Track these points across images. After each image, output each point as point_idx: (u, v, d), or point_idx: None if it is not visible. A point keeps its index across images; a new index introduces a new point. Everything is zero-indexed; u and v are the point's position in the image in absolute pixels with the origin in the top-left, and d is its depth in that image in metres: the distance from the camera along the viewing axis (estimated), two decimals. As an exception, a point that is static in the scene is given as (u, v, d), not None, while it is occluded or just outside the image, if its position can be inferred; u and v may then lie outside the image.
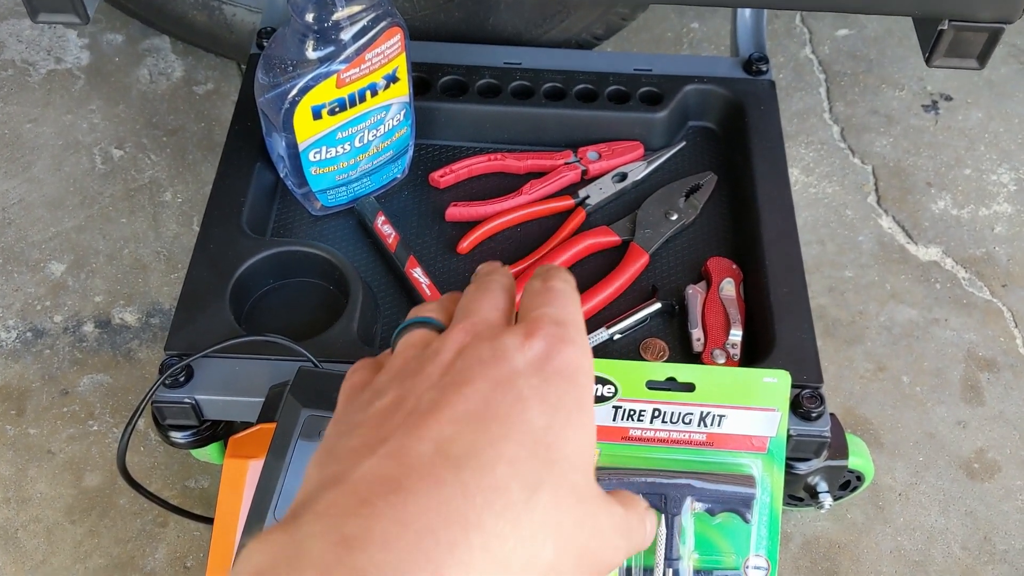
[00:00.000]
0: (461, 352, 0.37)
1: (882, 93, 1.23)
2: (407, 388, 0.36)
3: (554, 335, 0.37)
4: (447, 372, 0.36)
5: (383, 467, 0.32)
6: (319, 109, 0.77)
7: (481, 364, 0.35)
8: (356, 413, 0.37)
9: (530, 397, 0.35)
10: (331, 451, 0.35)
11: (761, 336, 0.77)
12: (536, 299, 0.39)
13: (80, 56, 1.24)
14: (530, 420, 0.34)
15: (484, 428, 0.33)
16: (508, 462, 0.33)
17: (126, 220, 1.07)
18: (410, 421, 0.34)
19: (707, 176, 0.90)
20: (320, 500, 0.32)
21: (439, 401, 0.34)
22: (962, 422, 0.95)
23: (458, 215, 0.87)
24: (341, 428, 0.36)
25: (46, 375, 0.95)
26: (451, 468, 0.32)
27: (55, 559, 0.84)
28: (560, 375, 0.36)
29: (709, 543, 0.71)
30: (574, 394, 0.36)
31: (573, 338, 0.37)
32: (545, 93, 0.92)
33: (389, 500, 0.31)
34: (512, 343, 0.36)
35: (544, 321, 0.37)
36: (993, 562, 0.86)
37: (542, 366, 0.36)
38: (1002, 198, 1.13)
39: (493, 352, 0.36)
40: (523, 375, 0.35)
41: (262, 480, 0.60)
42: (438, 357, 0.37)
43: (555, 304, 0.39)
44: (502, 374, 0.35)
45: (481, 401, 0.34)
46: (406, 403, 0.35)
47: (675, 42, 1.29)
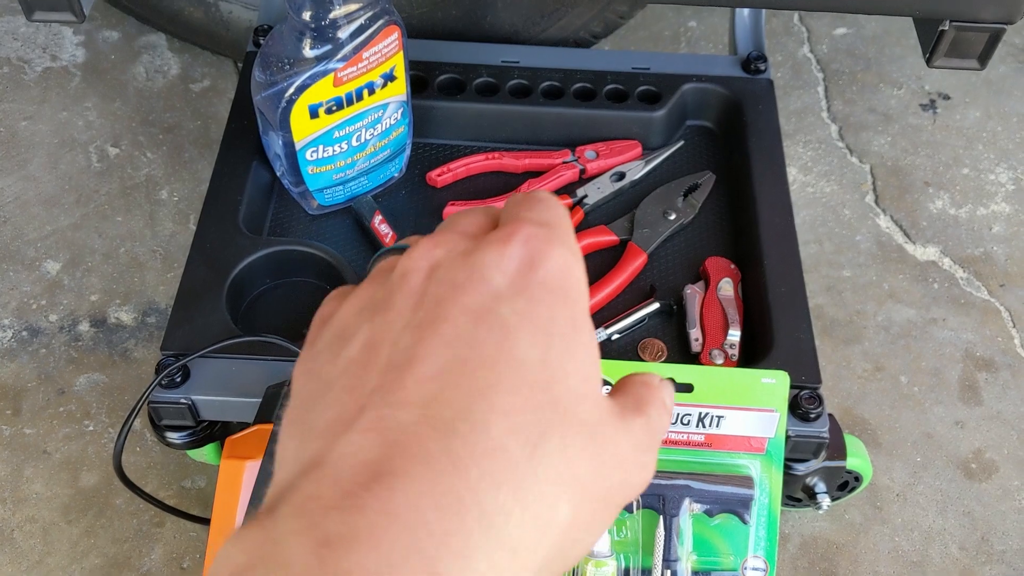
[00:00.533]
0: (432, 273, 0.31)
1: (880, 92, 1.23)
2: (377, 328, 0.31)
3: (535, 237, 0.31)
4: (420, 304, 0.31)
5: (363, 446, 0.28)
6: (316, 108, 0.77)
7: (456, 290, 0.30)
8: (326, 362, 0.32)
9: (517, 326, 0.30)
10: (305, 421, 0.31)
11: (759, 336, 0.77)
12: (516, 208, 0.34)
13: (76, 53, 1.23)
14: (521, 355, 0.29)
15: (470, 379, 0.29)
16: (502, 414, 0.28)
17: (122, 218, 1.07)
18: (387, 381, 0.29)
19: (705, 175, 0.90)
20: (298, 490, 0.28)
21: (416, 350, 0.29)
22: (960, 422, 0.95)
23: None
24: (312, 382, 0.32)
25: (42, 374, 0.95)
26: (437, 438, 0.28)
27: (51, 559, 0.84)
28: (547, 288, 0.31)
29: (707, 544, 0.71)
30: (567, 310, 0.31)
31: (560, 238, 0.32)
32: (543, 92, 0.92)
33: (373, 489, 0.27)
34: (489, 256, 0.31)
35: (523, 223, 0.32)
36: (991, 562, 0.86)
37: (526, 279, 0.31)
38: (1000, 197, 1.13)
39: (468, 272, 0.31)
40: (505, 298, 0.30)
41: (259, 481, 0.60)
42: (406, 282, 0.32)
43: (537, 208, 0.33)
44: (481, 300, 0.30)
45: (463, 343, 0.29)
46: (379, 353, 0.30)
47: (673, 40, 1.28)
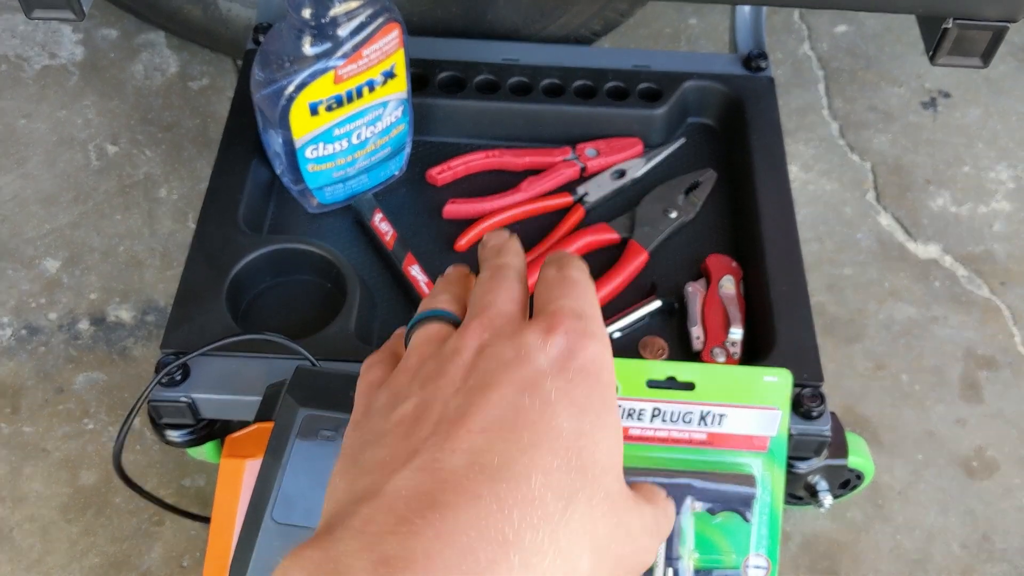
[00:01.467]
0: (482, 351, 0.36)
1: (881, 90, 1.23)
2: (430, 393, 0.35)
3: (575, 330, 0.36)
4: (470, 374, 0.35)
5: (417, 481, 0.31)
6: (316, 105, 0.76)
7: (504, 366, 0.35)
8: (378, 420, 0.36)
9: (558, 401, 0.34)
10: (357, 461, 0.34)
11: (761, 334, 0.77)
12: (553, 290, 0.38)
13: (74, 51, 1.23)
14: (559, 425, 0.33)
15: (515, 436, 0.33)
16: (542, 471, 0.32)
17: (121, 216, 1.07)
18: (440, 431, 0.33)
19: (706, 173, 0.89)
20: (355, 515, 0.31)
21: (467, 408, 0.33)
22: (961, 420, 0.94)
23: (456, 212, 0.86)
24: (365, 436, 0.36)
25: (41, 373, 0.94)
26: (486, 481, 0.31)
27: (50, 558, 0.83)
28: (584, 373, 0.35)
29: (709, 542, 0.71)
30: (599, 393, 0.35)
31: (594, 332, 0.36)
32: (543, 89, 0.92)
33: (427, 517, 0.30)
34: (534, 341, 0.35)
35: (563, 315, 0.36)
36: (992, 560, 0.86)
37: (566, 365, 0.35)
38: (1001, 195, 1.13)
39: (516, 352, 0.35)
40: (548, 376, 0.34)
41: (259, 480, 0.60)
42: (458, 357, 0.36)
43: (572, 295, 0.38)
44: (527, 376, 0.34)
45: (509, 407, 0.33)
46: (432, 411, 0.34)
47: (673, 38, 1.28)
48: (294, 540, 0.58)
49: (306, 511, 0.59)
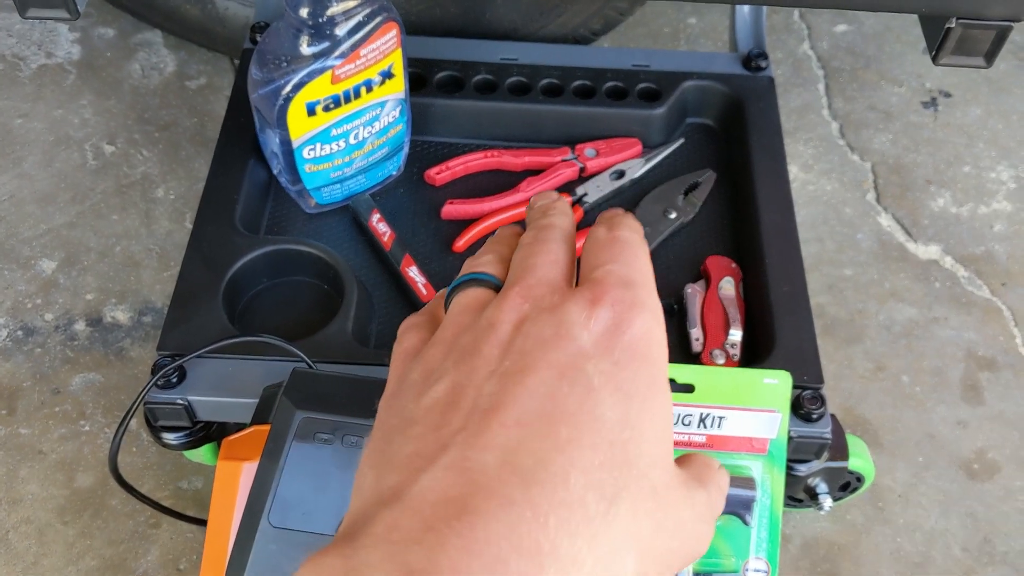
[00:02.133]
0: (520, 327, 0.33)
1: (881, 89, 1.22)
2: (463, 374, 0.32)
3: (622, 300, 0.33)
4: (506, 354, 0.32)
5: (446, 483, 0.29)
6: (313, 105, 0.76)
7: (543, 345, 0.32)
8: (409, 401, 0.33)
9: (601, 387, 0.31)
10: (385, 452, 0.32)
11: (761, 336, 0.77)
12: (601, 253, 0.35)
13: (71, 50, 1.23)
14: (602, 415, 0.30)
15: (553, 431, 0.30)
16: (581, 470, 0.29)
17: (118, 217, 1.06)
18: (471, 424, 0.30)
19: (706, 173, 0.89)
20: (378, 520, 0.29)
21: (501, 397, 0.31)
22: (962, 422, 0.94)
23: (454, 213, 0.86)
24: (393, 419, 0.33)
25: (37, 374, 0.94)
26: (519, 484, 0.29)
27: (47, 560, 0.83)
28: (632, 352, 0.32)
29: (709, 546, 0.70)
30: (647, 373, 0.32)
31: (644, 301, 0.33)
32: (542, 89, 0.91)
33: (454, 526, 0.28)
34: (576, 316, 0.32)
35: (610, 283, 0.33)
36: (993, 563, 0.86)
37: (611, 343, 0.32)
38: (1001, 196, 1.12)
39: (556, 328, 0.32)
40: (591, 357, 0.31)
41: (256, 483, 0.59)
42: (494, 333, 0.33)
43: (621, 259, 0.35)
44: (568, 358, 0.31)
45: (547, 396, 0.30)
46: (465, 396, 0.31)
47: (672, 38, 1.28)
48: (291, 544, 0.58)
49: (303, 515, 0.58)
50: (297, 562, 0.59)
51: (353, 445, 0.58)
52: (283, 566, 0.58)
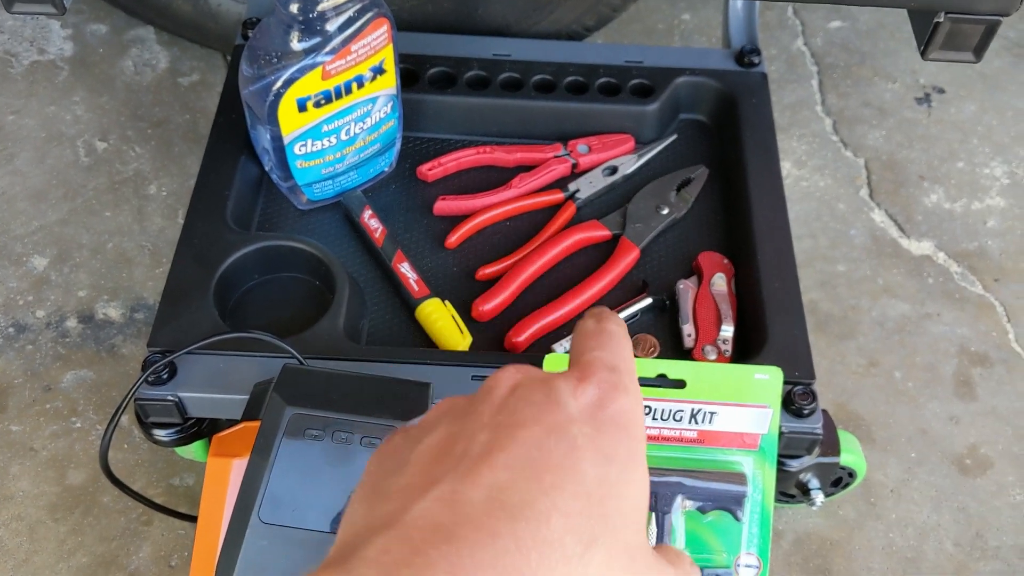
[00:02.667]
0: (513, 391, 0.36)
1: (875, 85, 1.22)
2: (458, 426, 0.35)
3: (607, 381, 0.36)
4: (499, 411, 0.35)
5: (435, 512, 0.31)
6: (304, 101, 0.76)
7: (534, 407, 0.35)
8: (404, 449, 0.36)
9: (584, 446, 0.34)
10: (377, 488, 0.34)
11: (753, 332, 0.77)
12: (588, 341, 0.39)
13: (63, 47, 1.22)
14: (584, 471, 0.33)
15: (538, 477, 0.32)
16: (563, 514, 0.32)
17: (110, 213, 1.06)
18: (463, 464, 0.33)
19: (698, 169, 0.89)
20: (370, 545, 0.31)
21: (492, 445, 0.33)
22: (954, 418, 0.94)
23: (446, 209, 0.86)
24: (387, 464, 0.36)
25: (28, 371, 0.94)
26: (505, 519, 0.31)
27: (38, 557, 0.83)
28: (614, 424, 0.35)
29: (700, 541, 0.70)
30: (627, 445, 0.35)
31: (626, 386, 0.37)
32: (535, 85, 0.91)
33: (442, 550, 0.30)
34: (565, 387, 0.36)
35: (597, 366, 0.37)
36: (985, 558, 0.86)
37: (595, 414, 0.35)
38: (995, 192, 1.12)
39: (546, 394, 0.35)
40: (576, 422, 0.34)
41: (246, 479, 0.59)
42: (490, 395, 0.36)
43: (607, 348, 0.38)
44: (556, 419, 0.34)
45: (535, 447, 0.33)
46: (457, 444, 0.34)
47: (666, 34, 1.28)
48: (281, 540, 0.58)
49: (293, 511, 0.58)
50: (287, 558, 0.59)
51: (343, 441, 0.58)
52: (273, 562, 0.58)
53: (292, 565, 0.58)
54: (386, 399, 0.60)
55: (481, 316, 0.79)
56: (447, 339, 0.77)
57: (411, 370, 0.71)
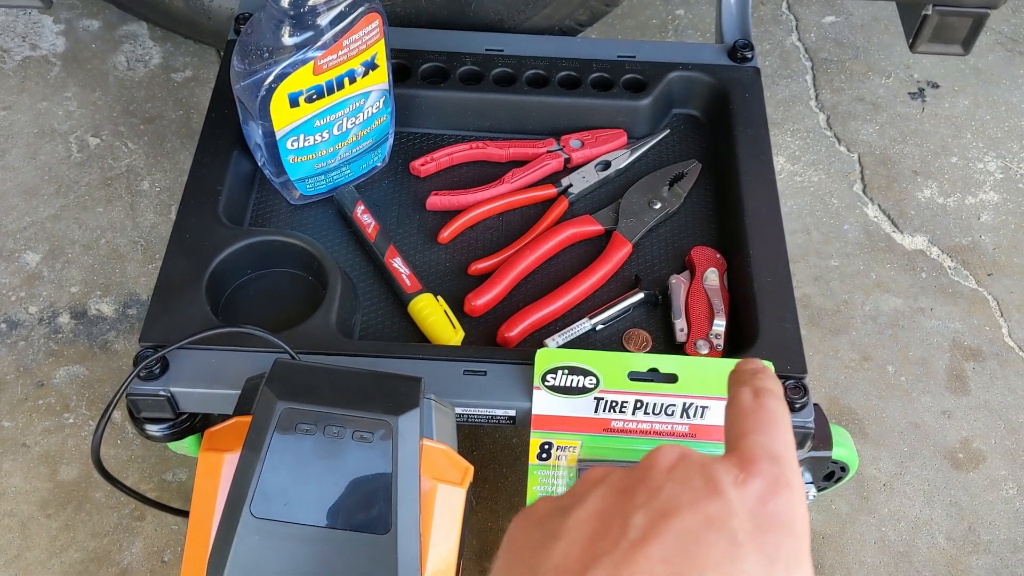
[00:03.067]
0: (672, 472, 0.34)
1: (869, 81, 1.22)
2: (611, 504, 0.34)
3: (771, 475, 0.34)
4: (657, 495, 0.33)
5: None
6: (296, 96, 0.76)
7: (692, 492, 0.33)
8: (553, 516, 0.34)
9: (745, 543, 0.32)
10: (527, 561, 0.33)
11: (745, 326, 0.77)
12: (747, 421, 0.37)
13: (56, 42, 1.22)
14: (746, 571, 0.31)
15: (697, 573, 0.31)
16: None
17: (103, 209, 1.06)
18: (618, 551, 0.31)
19: (691, 164, 0.89)
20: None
21: (648, 531, 0.32)
22: (947, 412, 0.94)
23: (439, 204, 0.86)
24: (535, 535, 0.34)
25: (21, 367, 0.94)
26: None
27: (30, 553, 0.83)
28: (777, 521, 0.33)
29: (692, 535, 0.71)
30: (791, 545, 0.33)
31: (790, 480, 0.35)
32: (528, 80, 0.91)
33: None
34: (726, 476, 0.34)
35: (759, 455, 0.35)
36: (977, 552, 0.86)
37: (758, 509, 0.33)
38: (988, 186, 1.12)
39: (705, 482, 0.34)
40: (737, 516, 0.33)
41: (238, 474, 0.59)
42: (647, 474, 0.34)
43: (769, 432, 0.36)
44: (715, 509, 0.33)
45: (693, 540, 0.31)
46: (613, 524, 0.33)
47: (660, 29, 1.27)
48: (272, 534, 0.58)
49: (284, 505, 0.58)
50: (279, 552, 0.59)
51: (335, 435, 0.58)
52: (265, 556, 0.58)
53: (284, 559, 0.58)
54: (378, 393, 0.60)
55: (473, 311, 0.79)
56: (439, 334, 0.77)
57: (404, 365, 0.71)
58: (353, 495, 0.58)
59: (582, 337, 0.78)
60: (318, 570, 0.58)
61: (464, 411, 0.70)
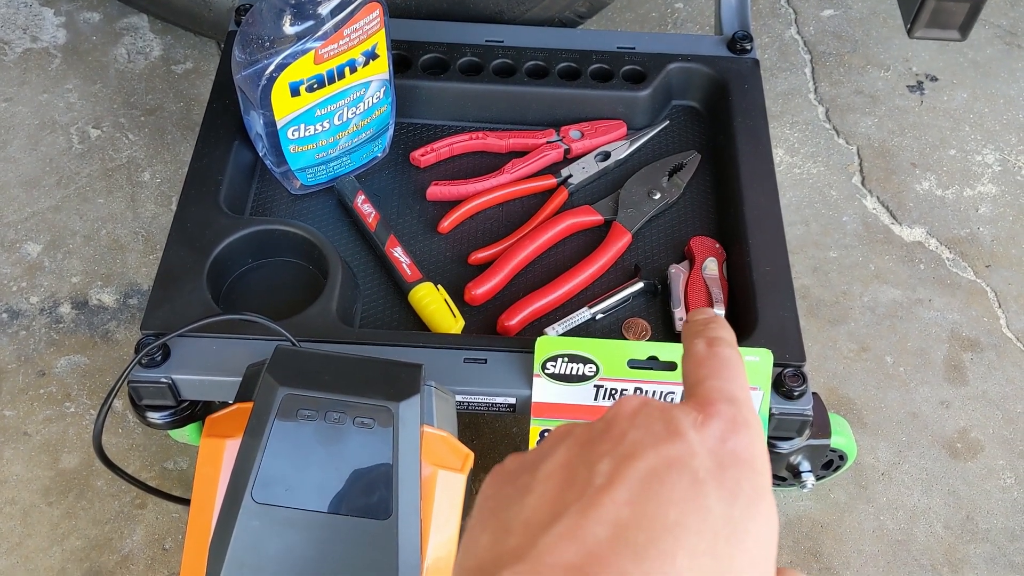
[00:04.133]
0: (633, 420, 0.35)
1: (867, 73, 1.23)
2: (577, 454, 0.35)
3: (729, 416, 0.35)
4: (620, 441, 0.34)
5: (562, 549, 0.31)
6: (297, 86, 0.76)
7: (654, 437, 0.34)
8: (522, 472, 0.35)
9: (707, 480, 0.33)
10: (499, 516, 0.34)
11: (744, 315, 0.77)
12: (701, 368, 0.38)
13: (56, 35, 1.22)
14: (709, 507, 0.32)
15: (661, 511, 0.32)
16: (688, 553, 0.31)
17: (103, 200, 1.06)
18: (585, 497, 0.32)
19: (690, 155, 0.89)
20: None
21: (613, 476, 0.33)
22: (945, 402, 0.95)
23: (439, 194, 0.86)
24: (505, 491, 0.35)
25: (22, 356, 0.94)
26: (631, 557, 0.30)
27: (31, 541, 0.83)
28: (738, 459, 0.34)
29: (691, 522, 0.71)
30: (754, 481, 0.34)
31: (747, 419, 0.36)
32: (527, 71, 0.91)
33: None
34: (685, 420, 0.35)
35: (715, 397, 0.36)
36: (975, 541, 0.86)
37: (718, 448, 0.34)
38: (986, 179, 1.13)
39: (666, 425, 0.34)
40: (697, 455, 0.33)
41: (239, 460, 0.59)
42: (609, 424, 0.35)
43: (724, 376, 0.38)
44: (676, 451, 0.33)
45: (656, 479, 0.32)
46: (578, 473, 0.34)
47: (659, 21, 1.28)
48: (274, 520, 0.58)
49: (285, 491, 0.59)
50: (280, 538, 0.59)
51: (336, 422, 0.59)
52: (266, 541, 0.58)
53: (285, 545, 0.58)
54: (378, 380, 0.60)
55: (474, 300, 0.80)
56: (440, 323, 0.77)
57: (404, 353, 0.71)
58: (354, 481, 0.59)
59: (582, 326, 0.78)
60: (319, 555, 0.59)
61: (464, 398, 0.71)
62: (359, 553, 0.59)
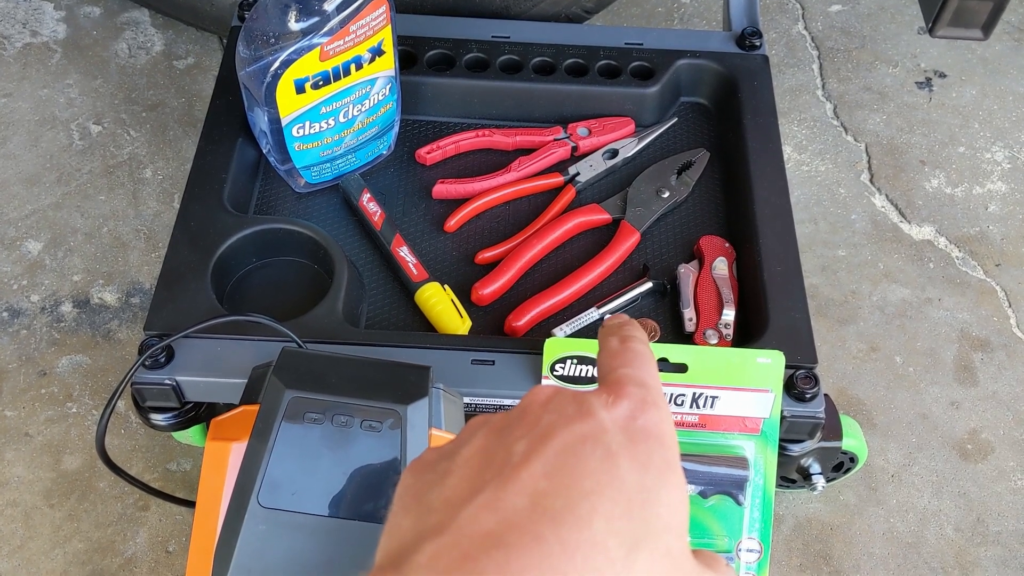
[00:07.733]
0: (547, 404, 0.37)
1: (876, 70, 1.22)
2: (494, 439, 0.36)
3: (638, 397, 0.37)
4: (535, 423, 0.36)
5: (482, 519, 0.33)
6: (302, 83, 0.75)
7: (566, 418, 0.36)
8: (442, 459, 0.37)
9: (619, 453, 0.35)
10: (420, 499, 0.35)
11: (754, 316, 0.76)
12: (614, 360, 0.40)
13: (57, 29, 1.21)
14: (622, 476, 0.34)
15: (577, 482, 0.33)
16: (604, 517, 0.32)
17: (105, 197, 1.05)
18: (504, 473, 0.34)
19: (699, 153, 0.88)
20: (421, 551, 0.32)
21: (529, 452, 0.35)
22: (955, 403, 0.94)
23: (445, 192, 0.85)
24: (426, 477, 0.37)
25: (23, 356, 0.93)
26: (549, 523, 0.32)
27: (33, 544, 0.82)
28: (648, 434, 0.36)
29: (701, 526, 0.70)
30: (663, 454, 0.36)
31: (656, 401, 0.38)
32: (534, 67, 0.90)
33: (492, 555, 0.31)
34: (597, 400, 0.37)
35: (626, 382, 0.38)
36: (986, 544, 0.85)
37: (628, 424, 0.36)
38: (996, 176, 1.12)
39: (578, 407, 0.36)
40: (609, 432, 0.35)
41: (245, 463, 0.58)
42: (524, 410, 0.37)
43: (634, 365, 0.40)
44: (589, 428, 0.35)
45: (571, 454, 0.34)
46: (496, 454, 0.35)
47: (666, 17, 1.27)
48: (280, 524, 0.57)
49: (292, 495, 0.58)
50: (286, 542, 0.58)
51: (343, 425, 0.58)
52: (272, 546, 0.57)
53: (291, 549, 0.58)
54: (386, 383, 0.59)
55: (481, 300, 0.79)
56: (446, 323, 0.76)
57: (411, 354, 0.70)
58: (362, 485, 0.58)
59: (590, 327, 0.77)
60: (326, 560, 0.58)
61: (472, 400, 0.70)
62: (367, 558, 0.58)
